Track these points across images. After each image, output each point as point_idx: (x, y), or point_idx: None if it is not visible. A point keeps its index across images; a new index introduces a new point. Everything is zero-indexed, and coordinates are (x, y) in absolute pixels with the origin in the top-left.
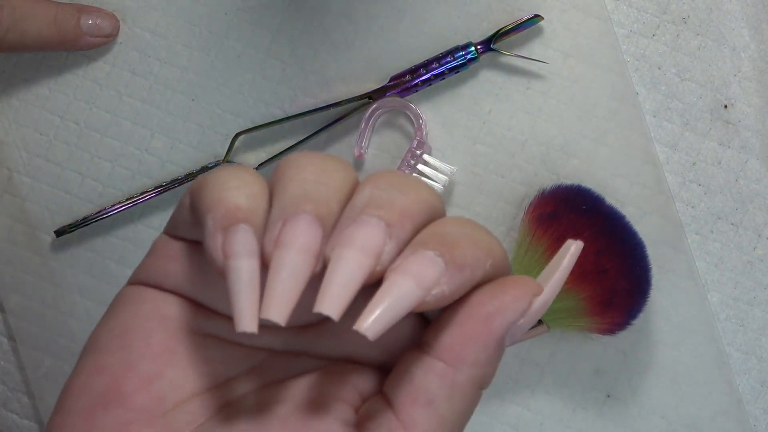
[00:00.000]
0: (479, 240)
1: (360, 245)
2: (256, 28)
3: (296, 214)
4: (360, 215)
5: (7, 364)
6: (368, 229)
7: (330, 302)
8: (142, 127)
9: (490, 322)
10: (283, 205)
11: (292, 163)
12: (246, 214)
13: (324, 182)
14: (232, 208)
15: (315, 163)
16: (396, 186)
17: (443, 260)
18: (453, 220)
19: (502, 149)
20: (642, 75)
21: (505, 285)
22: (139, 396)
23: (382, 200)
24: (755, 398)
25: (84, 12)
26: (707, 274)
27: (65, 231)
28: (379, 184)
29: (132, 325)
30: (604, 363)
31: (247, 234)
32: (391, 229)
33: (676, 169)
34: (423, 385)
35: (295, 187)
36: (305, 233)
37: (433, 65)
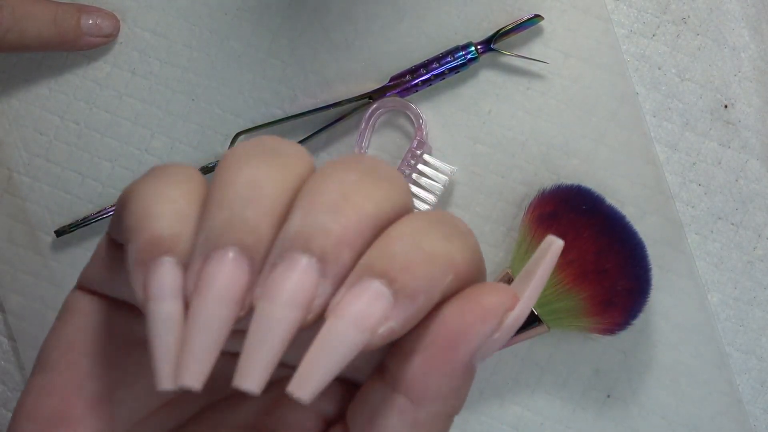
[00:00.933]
0: (437, 252)
1: (285, 297)
2: (256, 28)
3: (217, 251)
4: (287, 252)
5: (7, 364)
6: (295, 273)
7: (250, 376)
8: (142, 127)
9: (454, 347)
10: (205, 235)
11: (223, 170)
12: (169, 244)
13: (253, 200)
14: (153, 238)
15: (249, 169)
16: (333, 205)
17: (391, 290)
18: (406, 228)
19: (502, 149)
20: (642, 75)
21: (473, 300)
22: (89, 420)
23: (313, 229)
24: (755, 398)
25: (84, 12)
26: (707, 274)
27: (65, 231)
28: (313, 205)
29: (78, 339)
30: (604, 363)
31: (170, 270)
32: (324, 266)
33: (676, 169)
34: (383, 422)
35: (220, 210)
36: (225, 277)
37: (433, 65)
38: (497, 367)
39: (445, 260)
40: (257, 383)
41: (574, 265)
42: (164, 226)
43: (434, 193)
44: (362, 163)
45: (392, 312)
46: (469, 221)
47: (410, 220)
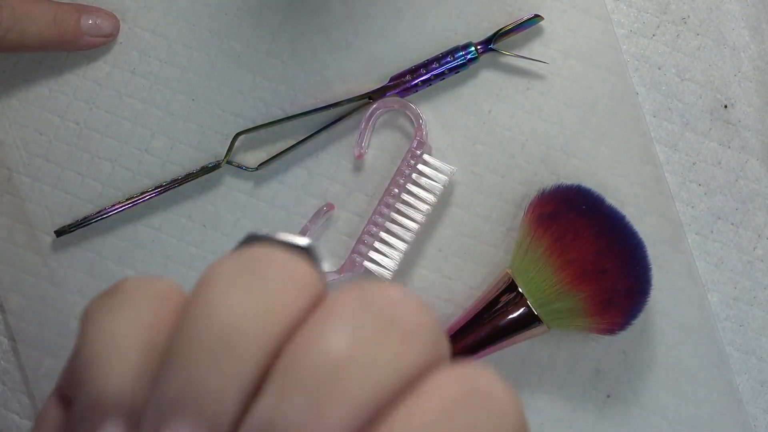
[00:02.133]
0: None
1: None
2: (256, 28)
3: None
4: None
5: (7, 364)
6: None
7: None
8: (142, 127)
9: None
10: (157, 402)
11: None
12: (114, 408)
13: (221, 363)
14: (97, 400)
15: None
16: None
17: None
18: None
19: (502, 149)
20: (642, 75)
21: None
22: None
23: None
24: (755, 398)
25: (84, 12)
26: (707, 274)
27: (65, 231)
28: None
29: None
30: (604, 363)
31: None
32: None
33: (676, 169)
34: None
35: (176, 373)
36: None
37: (433, 65)
38: (497, 367)
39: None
40: None
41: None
42: (109, 387)
43: (434, 193)
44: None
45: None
46: (468, 221)
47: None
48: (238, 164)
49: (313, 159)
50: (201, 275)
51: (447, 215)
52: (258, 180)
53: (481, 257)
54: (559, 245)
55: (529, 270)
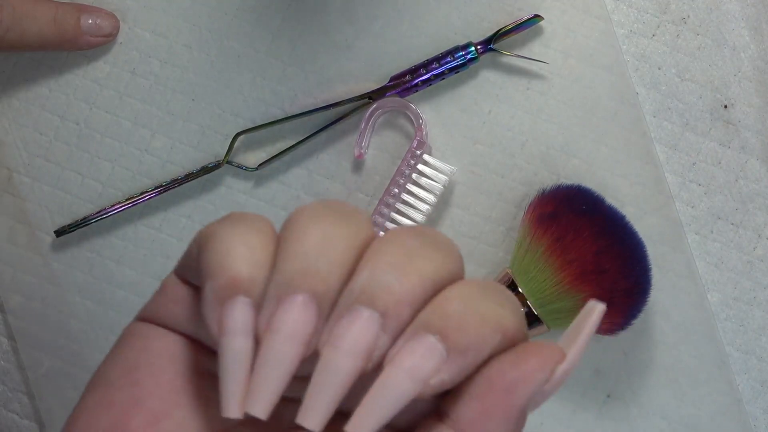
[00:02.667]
0: (488, 314)
1: (348, 347)
2: (256, 28)
3: (290, 295)
4: (353, 305)
5: (7, 364)
6: (359, 324)
7: (312, 415)
8: (142, 127)
9: (512, 393)
10: (280, 280)
11: (298, 224)
12: (246, 286)
13: (326, 254)
14: (232, 278)
15: (320, 227)
16: (397, 265)
17: (444, 346)
18: (460, 292)
19: (502, 149)
20: (642, 75)
21: (526, 353)
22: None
23: (379, 286)
24: (755, 398)
25: (84, 11)
26: (707, 274)
27: (65, 231)
28: (379, 264)
29: (141, 361)
30: (604, 363)
31: (244, 309)
32: (386, 321)
33: (676, 169)
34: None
35: (293, 260)
36: (296, 319)
37: (433, 65)
38: None
39: (495, 321)
40: (318, 422)
41: (574, 265)
42: (242, 269)
43: (434, 193)
44: (423, 232)
45: (445, 366)
46: (468, 221)
47: (464, 285)
48: (238, 164)
49: (313, 159)
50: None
51: (447, 215)
52: (258, 180)
53: (481, 257)
54: (559, 245)
55: (529, 270)
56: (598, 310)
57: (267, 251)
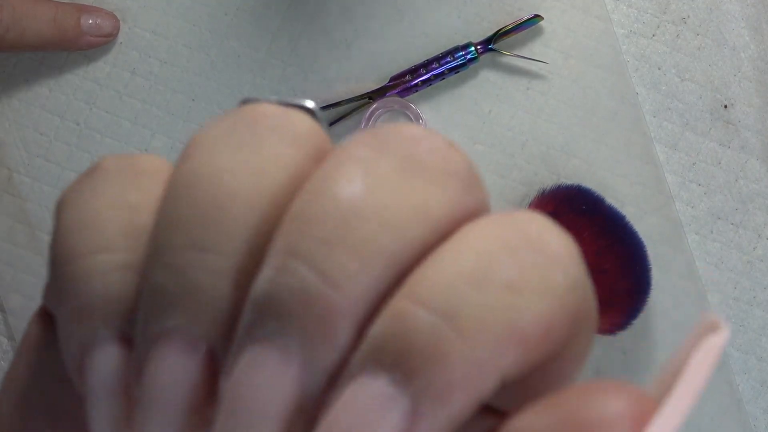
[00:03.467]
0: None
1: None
2: (256, 28)
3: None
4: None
5: (6, 364)
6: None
7: None
8: (142, 127)
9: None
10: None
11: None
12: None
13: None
14: (84, 306)
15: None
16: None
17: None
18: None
19: (502, 149)
20: (642, 75)
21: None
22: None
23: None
24: (755, 398)
25: (84, 11)
26: (707, 274)
27: None
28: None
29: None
30: (604, 363)
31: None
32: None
33: (676, 169)
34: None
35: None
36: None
37: (433, 65)
38: None
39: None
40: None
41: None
42: (96, 287)
43: None
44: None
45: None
46: None
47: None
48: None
49: None
50: (187, 141)
51: None
52: None
53: None
54: None
55: None
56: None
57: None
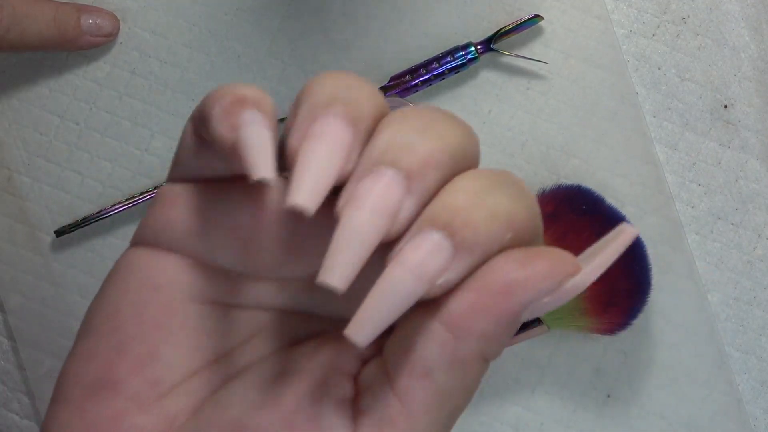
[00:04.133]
0: (499, 209)
1: (372, 204)
2: (256, 28)
3: (326, 114)
4: (375, 165)
5: (7, 364)
6: (383, 183)
7: (335, 272)
8: (142, 127)
9: (509, 294)
10: (310, 106)
11: (317, 79)
12: (255, 101)
13: (354, 93)
14: (240, 96)
15: (342, 77)
16: (419, 129)
17: (451, 243)
18: (471, 183)
19: (502, 149)
20: (642, 75)
21: (536, 256)
22: (132, 382)
23: (401, 146)
24: (755, 398)
25: (84, 11)
26: (707, 274)
27: (65, 231)
28: (400, 127)
29: (123, 302)
30: (604, 363)
31: (257, 113)
32: (411, 183)
33: (676, 169)
34: (422, 353)
35: (323, 91)
36: (336, 131)
37: (433, 65)
38: (497, 367)
39: (507, 218)
40: (342, 279)
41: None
42: (249, 91)
43: None
44: (440, 110)
45: (451, 264)
46: None
47: (475, 176)
48: None
49: None
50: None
51: None
52: None
53: None
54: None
55: None
56: (628, 232)
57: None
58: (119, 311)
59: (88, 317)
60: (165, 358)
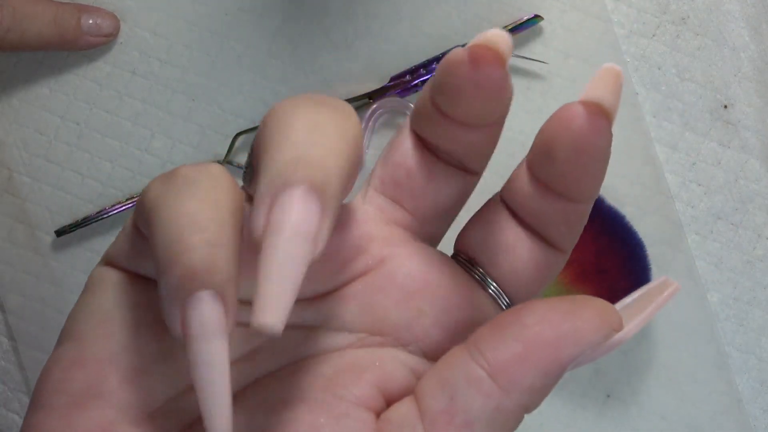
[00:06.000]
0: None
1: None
2: (256, 28)
3: (287, 188)
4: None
5: (7, 364)
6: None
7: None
8: (142, 127)
9: (559, 348)
10: (271, 175)
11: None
12: (205, 277)
13: (317, 141)
14: (188, 273)
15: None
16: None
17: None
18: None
19: (502, 149)
20: (642, 75)
21: (582, 307)
22: (123, 393)
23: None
24: (755, 398)
25: (84, 12)
26: (707, 274)
27: (65, 231)
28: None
29: (113, 310)
30: (604, 363)
31: (209, 306)
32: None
33: (676, 169)
34: (465, 402)
35: (283, 151)
36: (299, 211)
37: (433, 65)
38: None
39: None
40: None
41: (574, 265)
42: (196, 259)
43: None
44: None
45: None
46: None
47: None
48: (238, 164)
49: None
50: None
51: None
52: None
53: None
54: None
55: None
56: (672, 288)
57: (222, 222)
58: (109, 319)
59: (72, 322)
60: (157, 371)
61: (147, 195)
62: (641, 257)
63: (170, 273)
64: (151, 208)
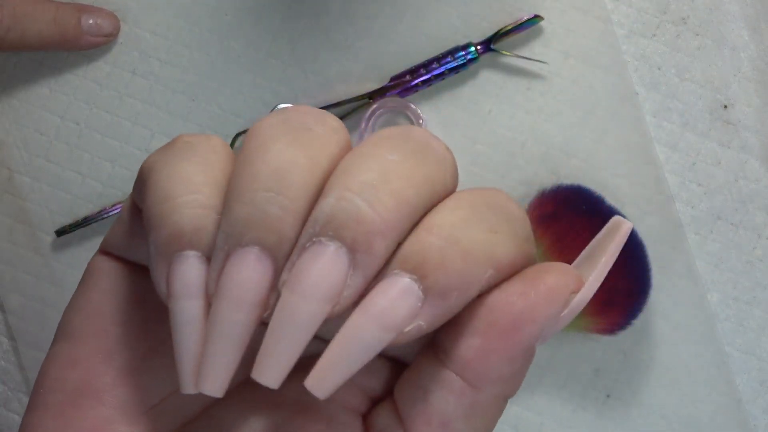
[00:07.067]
0: (476, 248)
1: (310, 289)
2: (256, 28)
3: (237, 249)
4: (315, 237)
5: (7, 364)
6: (323, 260)
7: (268, 370)
8: (142, 127)
9: (518, 330)
10: (227, 229)
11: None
12: (191, 238)
13: (279, 192)
14: (176, 232)
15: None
16: (371, 188)
17: (421, 287)
18: (446, 217)
19: (501, 149)
20: (642, 75)
21: (534, 280)
22: (118, 390)
23: (346, 214)
24: (755, 398)
25: (84, 11)
26: (707, 274)
27: (65, 231)
28: (348, 186)
29: (106, 305)
30: (604, 363)
31: (192, 267)
32: (356, 256)
33: (676, 169)
34: (438, 404)
35: (241, 203)
36: (245, 278)
37: (433, 65)
38: None
39: (484, 256)
40: (275, 378)
41: None
42: (186, 219)
43: None
44: (408, 140)
45: (422, 310)
46: None
47: (452, 208)
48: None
49: None
50: (249, 130)
51: None
52: None
53: None
54: (559, 245)
55: None
56: (624, 228)
57: (216, 188)
58: (102, 315)
59: (67, 318)
60: (153, 367)
61: (145, 162)
62: (641, 257)
63: (160, 230)
64: (148, 172)
